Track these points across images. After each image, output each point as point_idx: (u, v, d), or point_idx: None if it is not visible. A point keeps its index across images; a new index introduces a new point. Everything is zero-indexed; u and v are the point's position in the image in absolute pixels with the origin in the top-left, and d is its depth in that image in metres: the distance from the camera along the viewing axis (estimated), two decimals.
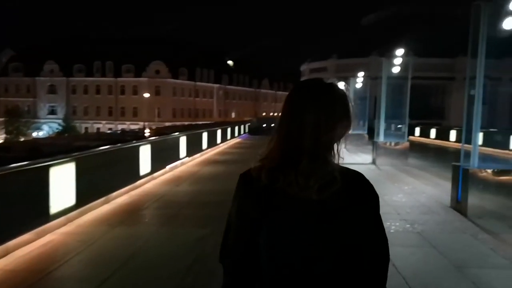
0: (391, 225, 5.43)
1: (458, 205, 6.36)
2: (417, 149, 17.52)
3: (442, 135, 24.52)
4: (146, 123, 50.54)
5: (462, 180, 6.29)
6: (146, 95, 58.40)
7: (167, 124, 50.70)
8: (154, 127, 27.90)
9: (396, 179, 9.67)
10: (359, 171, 1.09)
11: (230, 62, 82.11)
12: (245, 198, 1.09)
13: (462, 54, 43.92)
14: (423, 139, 25.21)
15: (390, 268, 4.02)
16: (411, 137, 20.69)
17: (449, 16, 44.34)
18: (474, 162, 6.29)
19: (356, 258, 1.01)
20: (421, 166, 11.97)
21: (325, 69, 50.22)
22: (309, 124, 1.02)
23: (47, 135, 48.00)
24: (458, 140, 22.25)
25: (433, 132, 26.02)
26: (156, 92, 61.32)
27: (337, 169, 1.03)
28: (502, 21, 6.43)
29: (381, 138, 12.39)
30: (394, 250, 1.20)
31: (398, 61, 12.54)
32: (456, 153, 18.26)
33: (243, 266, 1.06)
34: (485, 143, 19.34)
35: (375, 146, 12.31)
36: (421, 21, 44.60)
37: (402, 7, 49.21)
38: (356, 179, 1.06)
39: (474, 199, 6.11)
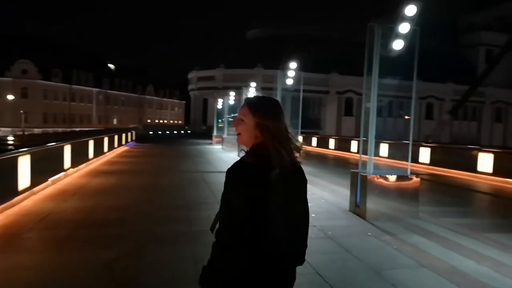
0: None
1: (357, 209, 6.84)
2: (304, 156, 18.59)
3: (322, 143, 26.66)
4: (15, 129, 44.12)
5: (361, 186, 6.78)
6: (10, 97, 51.15)
7: (36, 130, 45.13)
8: (24, 133, 24.37)
9: None
10: None
11: (111, 66, 77.22)
12: (244, 185, 1.56)
13: (335, 71, 49.01)
14: (306, 147, 26.89)
15: (319, 279, 3.95)
16: None
17: (323, 38, 48.95)
18: (370, 169, 6.84)
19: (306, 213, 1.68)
20: (312, 172, 12.69)
21: (213, 78, 50.67)
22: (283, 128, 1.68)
23: None
24: (337, 148, 24.54)
25: (314, 141, 28.12)
26: (23, 94, 54.28)
27: None
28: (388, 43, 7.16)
29: None
30: (315, 258, 1.28)
31: (291, 73, 13.17)
32: (337, 160, 20.03)
33: (241, 234, 1.52)
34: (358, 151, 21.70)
35: None
36: (299, 40, 48.33)
37: (283, 27, 52.62)
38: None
39: (371, 203, 6.64)
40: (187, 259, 4.48)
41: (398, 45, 6.66)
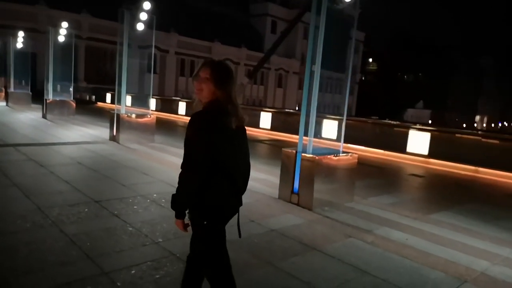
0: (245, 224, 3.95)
1: (294, 197, 5.60)
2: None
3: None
4: None
5: (302, 171, 5.53)
6: None
7: None
8: None
9: (164, 161, 7.98)
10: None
11: None
12: (207, 129, 2.01)
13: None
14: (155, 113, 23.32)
15: None
16: (108, 105, 17.47)
17: None
18: (309, 149, 5.66)
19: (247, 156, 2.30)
20: (169, 143, 10.65)
21: None
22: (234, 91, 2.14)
23: None
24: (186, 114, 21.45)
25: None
26: None
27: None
28: None
29: (123, 111, 10.06)
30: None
31: (142, 16, 10.39)
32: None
33: (205, 169, 2.01)
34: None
35: (117, 119, 9.82)
36: None
37: None
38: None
39: (306, 190, 5.53)
40: None
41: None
